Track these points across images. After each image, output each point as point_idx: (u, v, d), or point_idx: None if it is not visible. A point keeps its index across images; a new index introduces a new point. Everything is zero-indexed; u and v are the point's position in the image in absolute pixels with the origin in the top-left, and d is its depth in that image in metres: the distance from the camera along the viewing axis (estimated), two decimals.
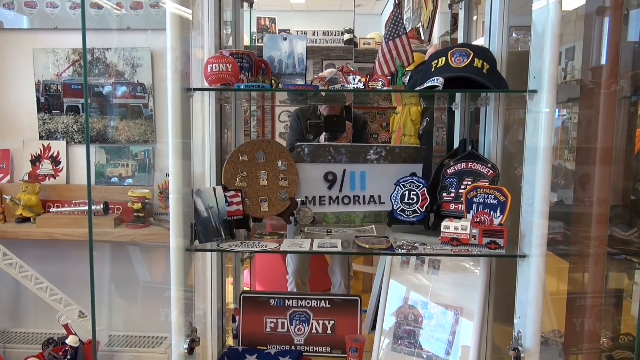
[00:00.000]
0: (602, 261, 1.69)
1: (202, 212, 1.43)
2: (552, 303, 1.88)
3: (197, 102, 1.65)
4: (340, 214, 1.73)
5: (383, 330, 1.66)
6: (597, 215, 1.70)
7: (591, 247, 1.68)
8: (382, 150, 1.72)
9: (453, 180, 1.64)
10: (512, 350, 1.33)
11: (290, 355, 1.69)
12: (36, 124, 1.94)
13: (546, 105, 1.27)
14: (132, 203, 1.77)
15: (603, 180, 1.69)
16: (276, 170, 1.67)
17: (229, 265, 1.96)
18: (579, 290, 1.78)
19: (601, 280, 1.74)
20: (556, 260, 1.75)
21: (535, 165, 1.32)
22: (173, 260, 1.36)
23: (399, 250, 1.42)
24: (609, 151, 1.69)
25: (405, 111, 3.69)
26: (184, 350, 1.35)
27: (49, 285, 1.57)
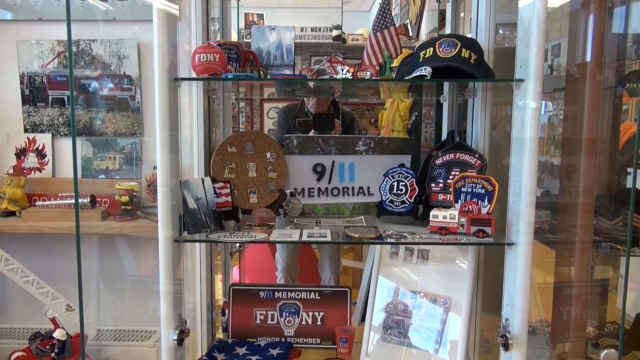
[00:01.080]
0: (587, 250, 1.71)
1: (191, 204, 1.43)
2: (540, 293, 1.90)
3: (185, 96, 1.64)
4: (330, 205, 1.73)
5: (373, 320, 1.66)
6: (583, 205, 1.72)
7: (577, 237, 1.70)
8: (370, 141, 1.73)
9: (441, 170, 1.65)
10: (500, 337, 1.35)
11: (280, 347, 1.69)
12: (21, 117, 1.91)
13: (532, 94, 1.28)
14: (120, 196, 1.75)
15: (588, 170, 1.71)
16: (265, 162, 1.66)
17: (218, 263, 1.95)
18: (566, 279, 1.80)
19: (587, 270, 1.76)
20: (543, 249, 1.77)
21: (522, 155, 1.33)
22: (162, 251, 1.35)
23: (388, 240, 1.42)
24: (594, 142, 1.71)
25: (394, 107, 3.70)
26: (174, 342, 1.35)
27: (35, 279, 1.55)
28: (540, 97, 1.29)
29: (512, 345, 1.32)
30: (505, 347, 1.33)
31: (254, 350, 1.67)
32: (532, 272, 1.34)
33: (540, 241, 1.70)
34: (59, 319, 1.59)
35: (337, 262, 3.45)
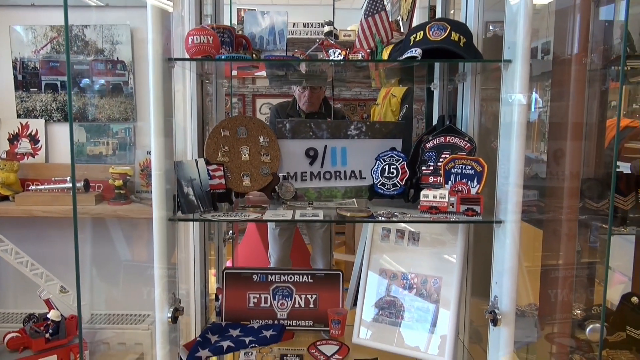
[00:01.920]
0: (574, 232, 1.75)
1: (185, 184, 1.44)
2: (528, 277, 1.94)
3: (178, 82, 1.66)
4: (322, 189, 1.75)
5: (364, 302, 1.69)
6: (569, 189, 1.75)
7: (563, 220, 1.73)
8: (362, 125, 1.75)
9: (432, 154, 1.68)
10: (489, 314, 1.37)
11: (273, 329, 1.70)
12: (14, 102, 1.91)
13: (520, 75, 1.31)
14: (114, 180, 1.75)
15: (574, 154, 1.74)
16: (258, 146, 1.68)
17: (211, 258, 1.96)
18: (553, 262, 1.84)
19: (573, 252, 1.79)
20: (531, 232, 1.80)
21: (510, 140, 1.35)
22: (156, 231, 1.36)
23: (379, 219, 1.45)
24: (580, 126, 1.74)
25: (386, 102, 3.73)
26: (168, 319, 1.36)
27: (29, 260, 1.55)
28: (527, 77, 1.32)
29: (501, 321, 1.35)
30: (493, 322, 1.36)
31: (247, 332, 1.69)
32: (520, 250, 1.37)
33: (528, 222, 1.73)
34: (53, 300, 1.59)
35: (330, 256, 3.47)
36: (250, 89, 5.65)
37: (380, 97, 4.07)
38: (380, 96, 4.06)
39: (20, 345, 1.55)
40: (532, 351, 1.72)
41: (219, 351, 1.57)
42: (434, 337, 1.56)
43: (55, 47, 1.84)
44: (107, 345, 1.73)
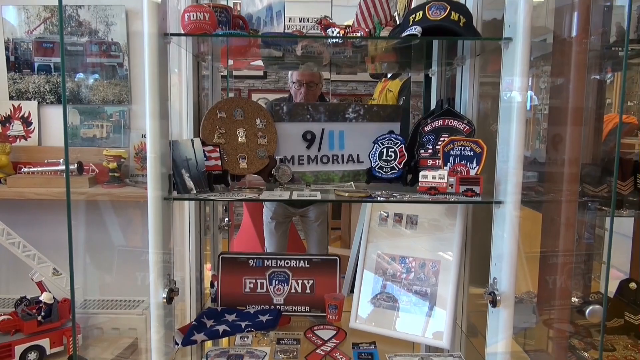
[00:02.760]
0: (573, 219, 1.73)
1: (180, 164, 1.42)
2: (527, 263, 1.93)
3: (174, 63, 1.64)
4: (319, 173, 1.73)
5: (362, 286, 1.67)
6: (569, 174, 1.74)
7: (563, 205, 1.72)
8: (360, 109, 1.73)
9: (430, 137, 1.67)
10: (488, 295, 1.36)
11: (269, 314, 1.68)
12: (6, 84, 1.87)
13: (521, 53, 1.29)
14: (108, 162, 1.73)
15: (574, 139, 1.73)
16: (255, 128, 1.66)
17: (207, 253, 1.94)
18: (552, 247, 1.83)
19: (572, 238, 1.78)
20: (529, 216, 1.79)
21: (509, 124, 1.34)
22: (151, 210, 1.33)
23: (377, 198, 1.43)
24: (580, 111, 1.73)
25: (382, 97, 3.72)
26: (163, 300, 1.34)
27: (22, 241, 1.52)
28: (528, 56, 1.31)
29: (500, 302, 1.34)
30: (493, 303, 1.35)
31: (243, 316, 1.67)
32: (519, 232, 1.36)
33: (527, 206, 1.72)
34: (46, 283, 1.57)
35: (325, 250, 3.46)
36: (246, 83, 5.61)
37: (376, 92, 4.05)
38: (377, 91, 4.05)
39: (11, 327, 1.52)
40: (530, 336, 1.71)
41: (215, 335, 1.55)
42: (432, 320, 1.55)
43: (49, 28, 1.81)
44: (100, 330, 1.71)
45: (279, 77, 5.58)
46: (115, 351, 1.62)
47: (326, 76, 3.54)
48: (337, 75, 5.58)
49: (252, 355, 1.47)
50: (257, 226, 3.80)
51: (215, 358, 1.46)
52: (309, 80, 2.85)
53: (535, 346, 1.65)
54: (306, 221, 3.35)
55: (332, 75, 5.64)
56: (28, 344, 1.53)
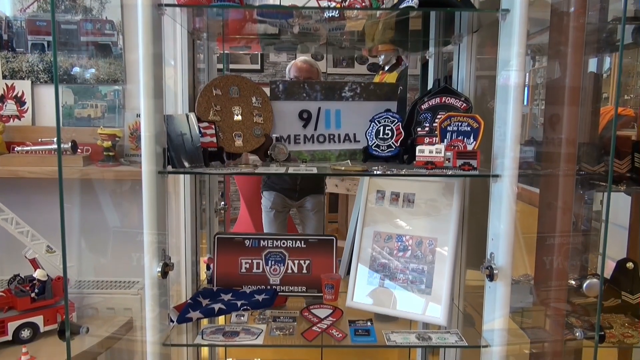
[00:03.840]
0: (570, 196, 1.73)
1: (175, 138, 1.40)
2: (524, 244, 1.92)
3: (169, 38, 1.62)
4: (316, 152, 1.72)
5: (359, 264, 1.66)
6: (566, 154, 1.74)
7: (560, 183, 1.71)
8: (357, 87, 1.72)
9: (427, 115, 1.66)
10: (485, 269, 1.35)
11: (266, 293, 1.67)
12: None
13: (518, 25, 1.28)
14: (102, 141, 1.71)
15: (571, 119, 1.72)
16: (250, 106, 1.65)
17: (203, 247, 1.92)
18: (548, 229, 1.82)
19: (569, 218, 1.78)
20: (525, 195, 1.78)
21: (506, 104, 1.33)
22: (145, 185, 1.32)
23: (374, 172, 1.42)
24: (577, 91, 1.73)
25: None
26: (158, 274, 1.33)
27: (15, 217, 1.50)
28: (525, 28, 1.30)
29: (497, 276, 1.33)
30: (490, 277, 1.34)
31: (239, 296, 1.66)
32: (516, 205, 1.35)
33: (524, 184, 1.71)
34: (39, 260, 1.55)
35: None
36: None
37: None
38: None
39: (4, 304, 1.50)
40: (527, 315, 1.70)
41: (210, 313, 1.54)
42: (429, 298, 1.54)
43: (42, 6, 1.78)
44: (95, 310, 1.69)
45: (275, 71, 5.56)
46: (110, 329, 1.61)
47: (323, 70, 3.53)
48: (334, 69, 5.55)
49: (248, 332, 1.46)
50: (254, 219, 3.79)
51: (211, 335, 1.45)
52: (306, 77, 2.84)
53: (532, 324, 1.65)
54: (303, 211, 3.35)
55: (328, 69, 5.62)
56: (21, 320, 1.51)
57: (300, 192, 3.20)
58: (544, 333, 1.57)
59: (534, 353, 1.59)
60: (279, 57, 5.36)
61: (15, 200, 1.68)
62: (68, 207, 1.87)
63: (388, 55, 4.40)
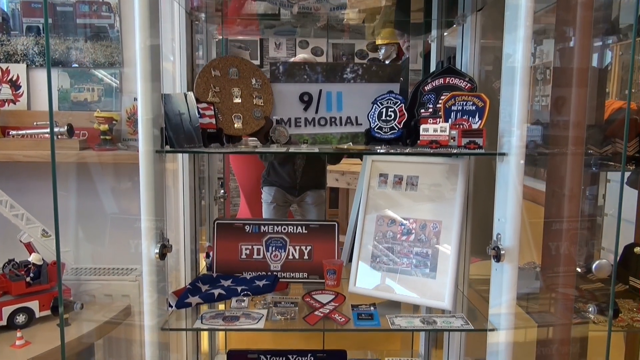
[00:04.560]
0: (578, 180, 1.69)
1: (173, 118, 1.37)
2: (531, 231, 1.89)
3: (166, 18, 1.59)
4: (317, 135, 1.69)
5: (361, 249, 1.63)
6: (574, 138, 1.70)
7: (568, 167, 1.68)
8: (359, 68, 1.69)
9: (431, 96, 1.62)
10: (492, 250, 1.32)
11: (266, 279, 1.64)
12: None
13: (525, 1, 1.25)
14: (99, 124, 1.67)
15: (579, 101, 1.69)
16: (250, 88, 1.62)
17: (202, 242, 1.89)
18: (555, 213, 1.79)
19: (577, 202, 1.74)
20: (530, 194, 1.75)
21: (513, 86, 1.29)
22: (142, 164, 1.29)
23: (378, 151, 1.39)
24: (585, 72, 1.69)
25: None
26: (155, 255, 1.29)
27: (9, 200, 1.47)
28: (533, 2, 1.27)
29: (504, 256, 1.29)
30: (497, 258, 1.31)
31: (239, 282, 1.62)
32: (522, 185, 1.31)
33: (530, 165, 1.68)
34: (35, 244, 1.52)
35: None
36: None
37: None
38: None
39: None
40: (533, 301, 1.67)
41: (210, 298, 1.51)
42: (433, 282, 1.51)
43: None
44: (92, 297, 1.66)
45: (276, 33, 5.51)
46: (107, 314, 1.58)
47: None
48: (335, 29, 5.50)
49: (249, 317, 1.42)
50: (255, 215, 3.75)
51: (210, 319, 1.41)
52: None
53: (538, 308, 1.61)
54: (303, 205, 3.32)
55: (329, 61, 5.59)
56: (16, 305, 1.48)
57: (300, 189, 3.17)
58: (552, 317, 1.53)
59: (542, 337, 1.56)
60: (278, 52, 5.33)
61: (10, 187, 1.65)
62: (64, 194, 1.84)
63: (389, 49, 4.39)
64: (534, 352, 1.65)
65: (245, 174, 3.85)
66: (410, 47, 3.66)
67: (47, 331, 1.50)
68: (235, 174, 4.00)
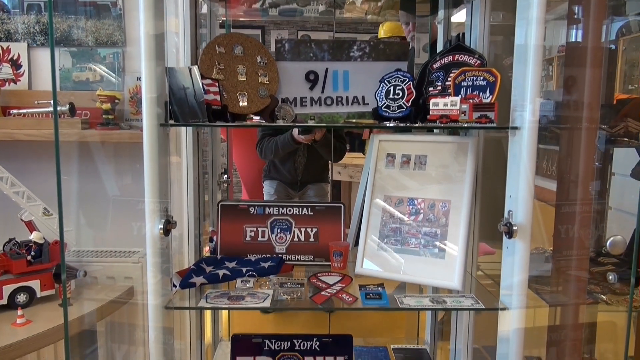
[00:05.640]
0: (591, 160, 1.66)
1: (177, 91, 1.34)
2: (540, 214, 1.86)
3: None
4: (323, 115, 1.66)
5: (368, 230, 1.60)
6: (587, 118, 1.67)
7: (582, 148, 1.65)
8: (366, 46, 1.66)
9: (439, 74, 1.59)
10: (504, 226, 1.29)
11: (271, 261, 1.61)
12: None
13: None
14: (101, 103, 1.64)
15: (593, 82, 1.66)
16: (255, 66, 1.59)
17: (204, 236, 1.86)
18: (566, 197, 1.76)
19: (589, 181, 1.72)
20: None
21: (525, 66, 1.26)
22: (146, 137, 1.26)
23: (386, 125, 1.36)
24: (599, 51, 1.66)
25: None
26: (160, 231, 1.26)
27: (10, 177, 1.43)
28: None
29: (517, 232, 1.26)
30: (508, 234, 1.28)
31: (244, 263, 1.59)
32: (535, 160, 1.28)
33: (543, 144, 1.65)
34: (36, 223, 1.48)
35: None
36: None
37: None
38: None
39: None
40: (543, 282, 1.64)
41: (215, 279, 1.48)
42: (442, 262, 1.48)
43: None
44: (94, 279, 1.63)
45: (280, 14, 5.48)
46: (111, 294, 1.55)
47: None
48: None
49: (255, 296, 1.39)
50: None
51: (215, 299, 1.39)
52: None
53: (550, 290, 1.58)
54: (305, 199, 3.28)
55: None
56: (17, 284, 1.45)
57: (302, 184, 3.14)
58: (563, 297, 1.50)
59: (553, 317, 1.53)
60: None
61: (10, 168, 1.61)
62: (66, 177, 1.81)
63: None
64: (545, 334, 1.63)
65: (247, 167, 3.82)
66: (415, 37, 3.63)
67: (48, 311, 1.47)
68: (238, 169, 3.98)
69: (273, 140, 2.55)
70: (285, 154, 2.66)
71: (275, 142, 2.53)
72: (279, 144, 2.51)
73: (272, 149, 2.55)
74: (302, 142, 2.44)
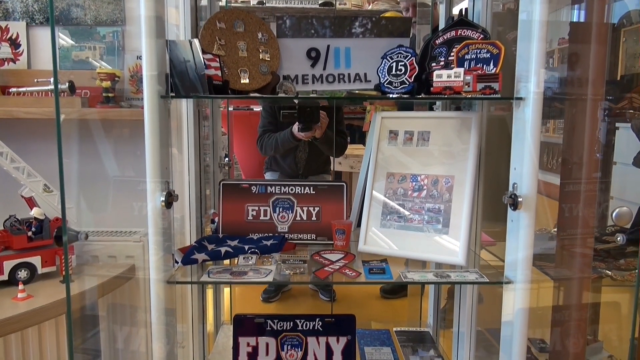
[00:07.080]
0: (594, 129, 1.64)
1: (178, 64, 1.32)
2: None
3: None
4: (325, 92, 1.65)
5: (371, 207, 1.59)
6: (592, 98, 1.66)
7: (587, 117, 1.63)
8: (368, 22, 1.64)
9: (442, 49, 1.57)
10: (508, 198, 1.28)
11: (274, 239, 1.60)
12: None
13: None
14: (101, 81, 1.63)
15: (598, 59, 1.64)
16: (256, 42, 1.57)
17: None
18: (570, 177, 1.74)
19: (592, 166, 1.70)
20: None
21: (530, 42, 1.25)
22: (148, 110, 1.24)
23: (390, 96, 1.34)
24: (605, 27, 1.65)
25: None
26: (161, 203, 1.25)
27: (9, 152, 1.42)
28: None
29: (522, 204, 1.25)
30: (513, 206, 1.26)
31: (246, 241, 1.59)
32: (539, 132, 1.27)
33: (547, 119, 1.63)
34: (36, 199, 1.47)
35: None
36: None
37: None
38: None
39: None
40: (547, 259, 1.63)
41: (217, 256, 1.47)
42: (446, 238, 1.47)
43: None
44: (96, 258, 1.62)
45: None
46: (112, 271, 1.53)
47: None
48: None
49: (257, 272, 1.38)
50: None
51: (217, 274, 1.38)
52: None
53: (554, 266, 1.57)
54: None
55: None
56: (17, 260, 1.44)
57: (303, 177, 3.13)
58: (568, 272, 1.49)
59: (559, 291, 1.52)
60: None
61: (10, 146, 1.60)
62: (67, 161, 1.79)
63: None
64: (549, 315, 1.61)
65: (247, 158, 3.81)
66: (417, 23, 3.61)
67: (49, 287, 1.46)
68: (239, 161, 3.97)
69: (273, 137, 2.52)
70: (285, 150, 2.63)
71: (276, 139, 2.50)
72: (279, 140, 2.47)
73: (273, 146, 2.51)
74: (303, 139, 2.41)
